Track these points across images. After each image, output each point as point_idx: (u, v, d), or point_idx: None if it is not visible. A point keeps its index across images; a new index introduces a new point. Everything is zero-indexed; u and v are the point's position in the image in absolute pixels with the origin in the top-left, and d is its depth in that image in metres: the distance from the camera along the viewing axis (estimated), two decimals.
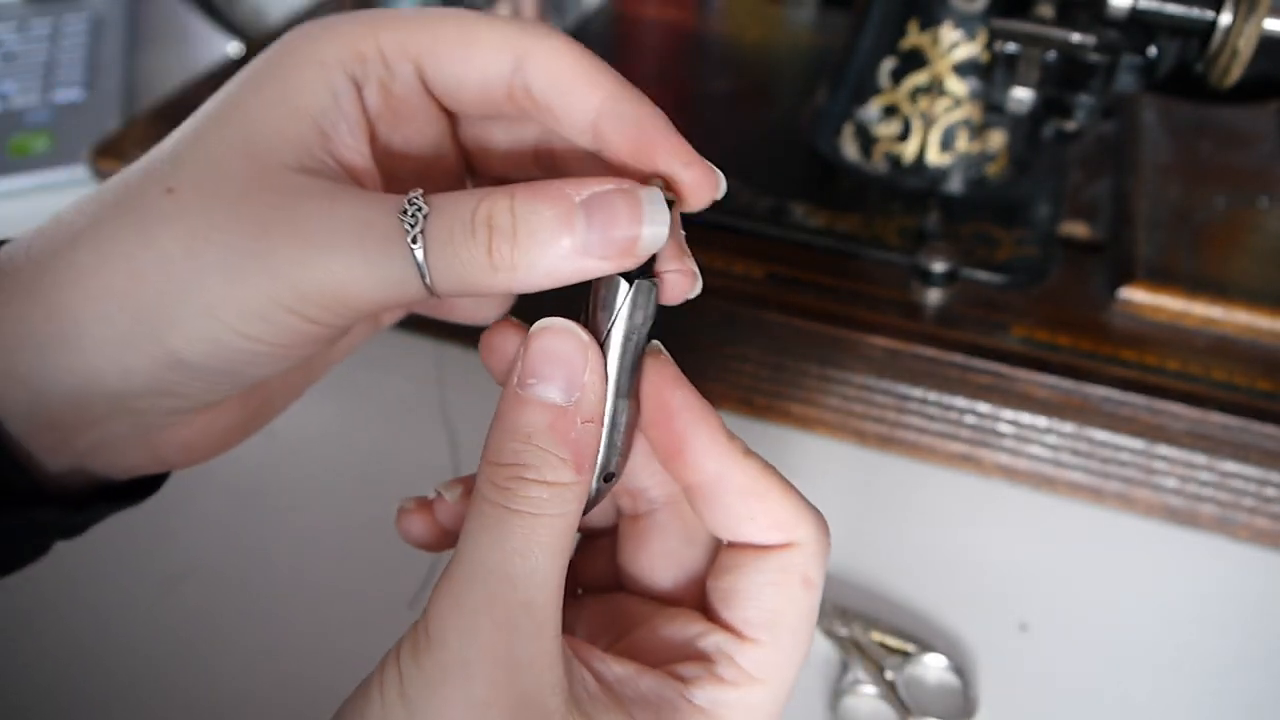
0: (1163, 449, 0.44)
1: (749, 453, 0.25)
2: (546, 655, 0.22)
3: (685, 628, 0.26)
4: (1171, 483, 0.44)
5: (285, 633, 0.41)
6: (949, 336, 0.44)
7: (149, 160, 0.25)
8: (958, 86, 0.50)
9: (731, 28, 0.70)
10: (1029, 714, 0.39)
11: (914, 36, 0.50)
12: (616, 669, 0.24)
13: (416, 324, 0.52)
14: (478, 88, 0.26)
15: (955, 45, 0.50)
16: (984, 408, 0.45)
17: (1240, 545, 0.45)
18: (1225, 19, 0.41)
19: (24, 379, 0.24)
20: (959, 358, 0.44)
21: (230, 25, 0.70)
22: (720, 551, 0.27)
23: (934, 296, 0.46)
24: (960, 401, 0.45)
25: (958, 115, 0.51)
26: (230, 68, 0.61)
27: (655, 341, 0.26)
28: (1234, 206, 0.52)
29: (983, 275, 0.47)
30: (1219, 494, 0.44)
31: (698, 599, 0.27)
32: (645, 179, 0.25)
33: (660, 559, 0.28)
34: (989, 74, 0.50)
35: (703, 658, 0.25)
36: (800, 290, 0.46)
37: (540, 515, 0.22)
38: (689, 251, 0.26)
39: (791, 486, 0.25)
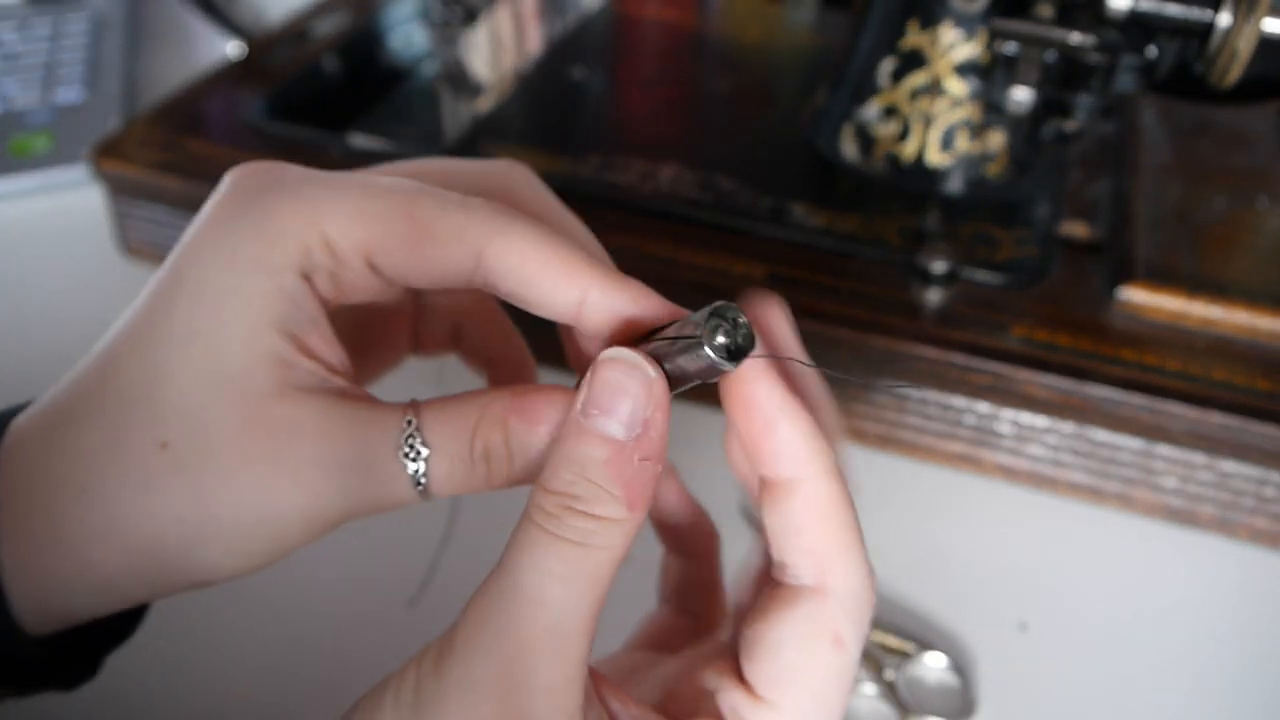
0: (1163, 449, 0.44)
1: (835, 471, 0.23)
2: (566, 684, 0.21)
3: (713, 677, 0.25)
4: (1171, 483, 0.45)
5: (285, 632, 0.41)
6: (949, 336, 0.44)
7: (129, 393, 0.24)
8: (957, 86, 0.50)
9: (731, 28, 0.70)
10: (1029, 714, 0.39)
11: (914, 36, 0.50)
12: (634, 712, 0.24)
13: None
14: (435, 279, 0.24)
15: (955, 45, 0.50)
16: (984, 408, 0.45)
17: (1240, 545, 0.45)
18: (1225, 19, 0.41)
19: (43, 602, 0.24)
20: (959, 358, 0.44)
21: (230, 25, 0.70)
22: (761, 588, 0.25)
23: (934, 296, 0.46)
24: (960, 401, 0.45)
25: (957, 115, 0.51)
26: (230, 68, 0.61)
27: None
28: (1234, 206, 0.52)
29: (983, 275, 0.47)
30: (1219, 494, 0.44)
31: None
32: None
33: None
34: (989, 74, 0.50)
35: (717, 717, 0.24)
36: (800, 290, 0.46)
37: (585, 546, 0.22)
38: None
39: (850, 524, 0.23)
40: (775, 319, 0.26)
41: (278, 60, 0.62)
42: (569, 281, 0.24)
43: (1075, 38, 0.43)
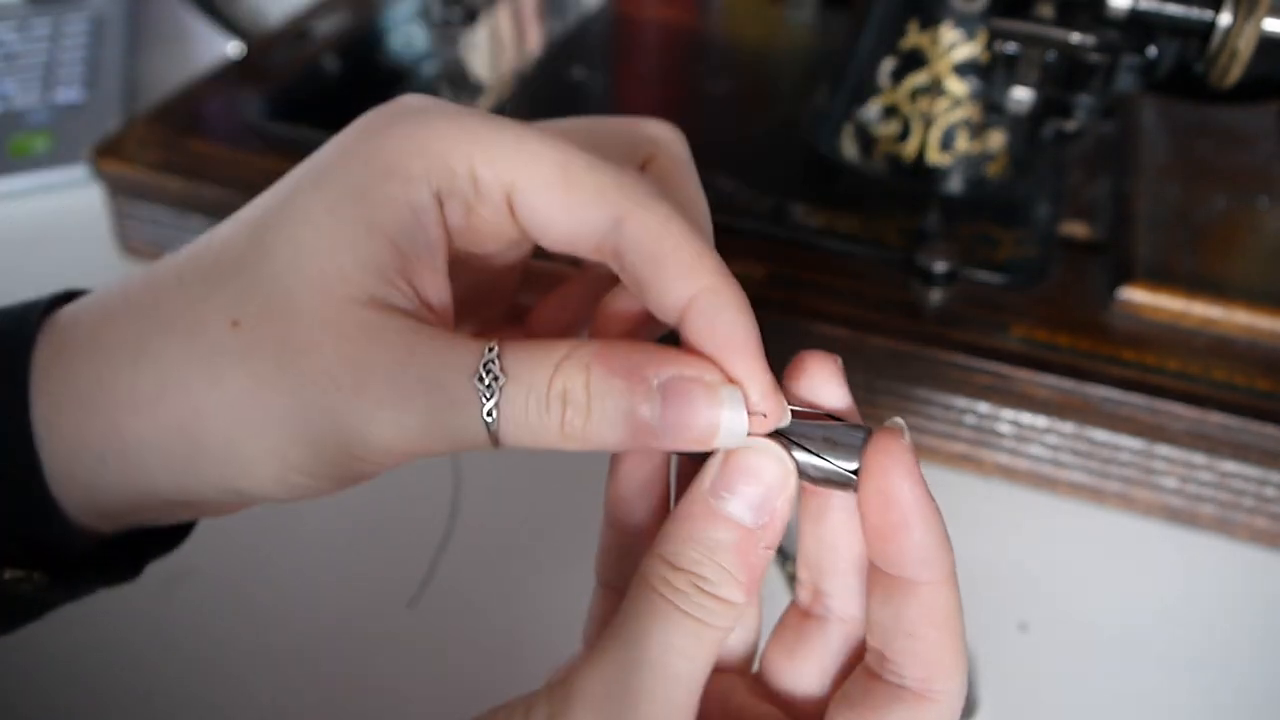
0: (1163, 449, 0.44)
1: (954, 577, 0.23)
2: None
3: None
4: (1171, 483, 0.45)
5: (285, 633, 0.41)
6: (949, 336, 0.44)
7: (212, 266, 0.23)
8: (958, 86, 0.50)
9: (731, 28, 0.70)
10: (1029, 714, 0.39)
11: (914, 36, 0.50)
12: None
13: None
14: (566, 234, 0.24)
15: (955, 45, 0.50)
16: (984, 408, 0.45)
17: (1240, 545, 0.45)
18: (1225, 19, 0.41)
19: (81, 483, 0.24)
20: (959, 358, 0.44)
21: (230, 25, 0.70)
22: (854, 672, 0.24)
23: (934, 296, 0.46)
24: (960, 401, 0.45)
25: (958, 115, 0.51)
26: (230, 68, 0.61)
27: (898, 419, 0.23)
28: (1234, 206, 0.52)
29: (983, 275, 0.47)
30: (1219, 494, 0.44)
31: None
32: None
33: (804, 664, 0.26)
34: (989, 74, 0.50)
35: None
36: (800, 290, 0.46)
37: (710, 625, 0.22)
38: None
39: (961, 634, 0.23)
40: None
41: (278, 60, 0.62)
42: (691, 274, 0.23)
43: (1075, 38, 0.43)
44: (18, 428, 0.23)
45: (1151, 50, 0.45)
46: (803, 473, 0.23)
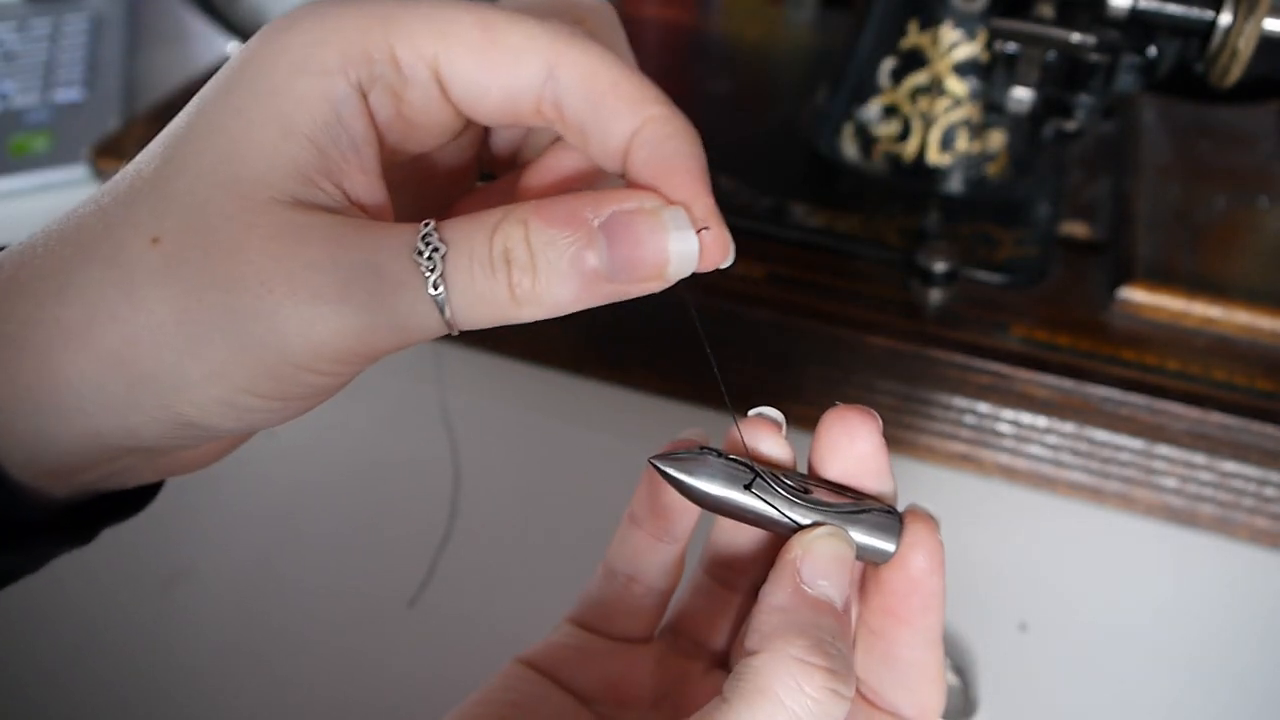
0: (1163, 449, 0.44)
1: (939, 642, 0.25)
2: None
3: None
4: (1171, 483, 0.44)
5: (285, 633, 0.41)
6: (949, 336, 0.44)
7: (127, 190, 0.22)
8: (958, 86, 0.50)
9: (731, 28, 0.70)
10: (1029, 714, 0.39)
11: (914, 36, 0.50)
12: None
13: None
14: (501, 98, 0.23)
15: (955, 45, 0.50)
16: (984, 408, 0.45)
17: (1240, 545, 0.45)
18: (1225, 19, 0.41)
19: (21, 435, 0.22)
20: (959, 358, 0.44)
21: (230, 25, 0.70)
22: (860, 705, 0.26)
23: (934, 296, 0.46)
24: (960, 401, 0.45)
25: (958, 115, 0.51)
26: None
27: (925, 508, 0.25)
28: (1234, 206, 0.52)
29: (983, 275, 0.47)
30: (1219, 494, 0.44)
31: None
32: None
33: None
34: (989, 74, 0.50)
35: None
36: (800, 290, 0.46)
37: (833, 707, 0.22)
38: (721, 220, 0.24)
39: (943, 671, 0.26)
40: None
41: None
42: (631, 108, 0.22)
43: (1075, 37, 0.43)
44: None
45: (1151, 50, 0.45)
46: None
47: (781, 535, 0.24)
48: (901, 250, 0.48)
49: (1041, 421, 0.45)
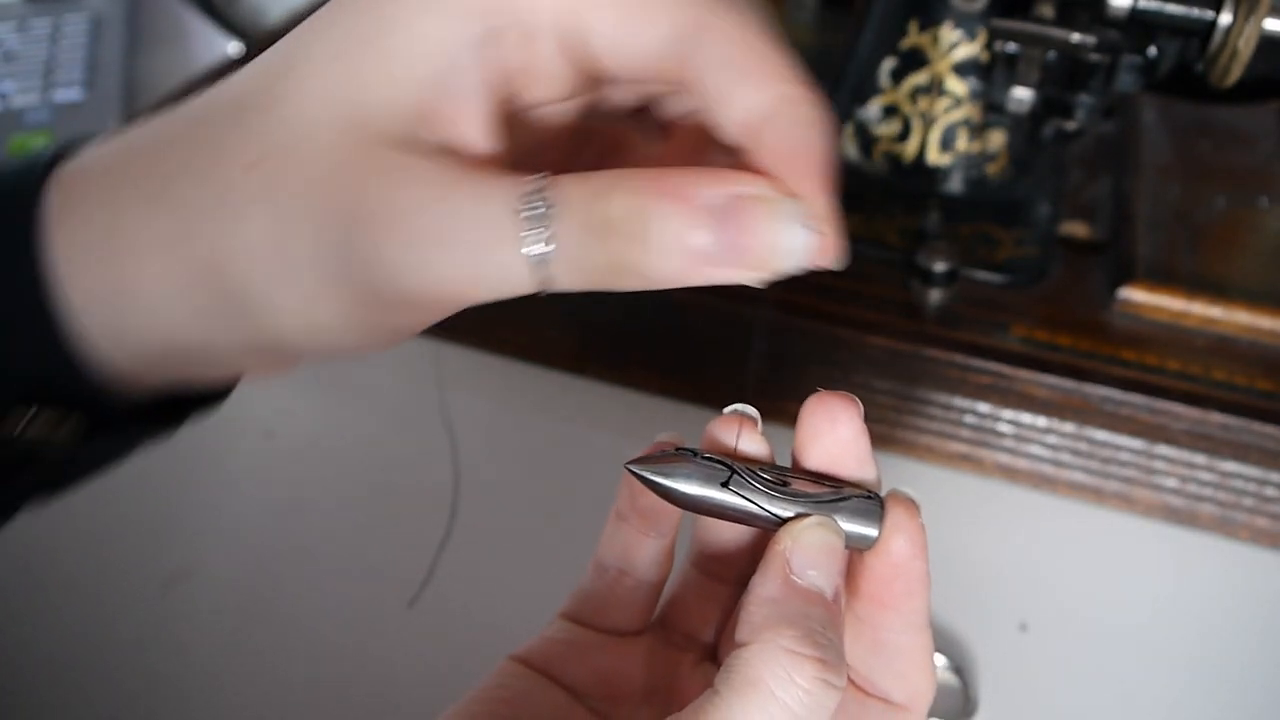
0: (1163, 449, 0.44)
1: (926, 627, 0.25)
2: None
3: None
4: (1171, 483, 0.44)
5: (285, 633, 0.41)
6: (949, 336, 0.44)
7: (232, 106, 0.22)
8: (958, 86, 0.50)
9: None
10: (1029, 714, 0.39)
11: (914, 36, 0.50)
12: None
13: None
14: (639, 56, 0.22)
15: (955, 45, 0.50)
16: (984, 407, 0.45)
17: (1240, 545, 0.45)
18: (1225, 19, 0.41)
19: (101, 333, 0.22)
20: (959, 358, 0.44)
21: (230, 25, 0.70)
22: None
23: (934, 296, 0.46)
24: (960, 401, 0.45)
25: (958, 115, 0.51)
26: (230, 67, 0.61)
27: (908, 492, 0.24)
28: (1234, 206, 0.52)
29: (983, 275, 0.47)
30: (1219, 494, 0.44)
31: None
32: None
33: None
34: (989, 74, 0.50)
35: None
36: (800, 290, 0.46)
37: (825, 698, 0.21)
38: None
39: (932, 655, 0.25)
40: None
41: None
42: (771, 80, 0.21)
43: (1075, 37, 0.43)
44: (30, 278, 0.22)
45: (1152, 50, 0.45)
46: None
47: (767, 530, 0.24)
48: (901, 250, 0.48)
49: (1041, 421, 0.45)
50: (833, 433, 0.24)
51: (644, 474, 0.24)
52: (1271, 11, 0.40)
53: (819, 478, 0.24)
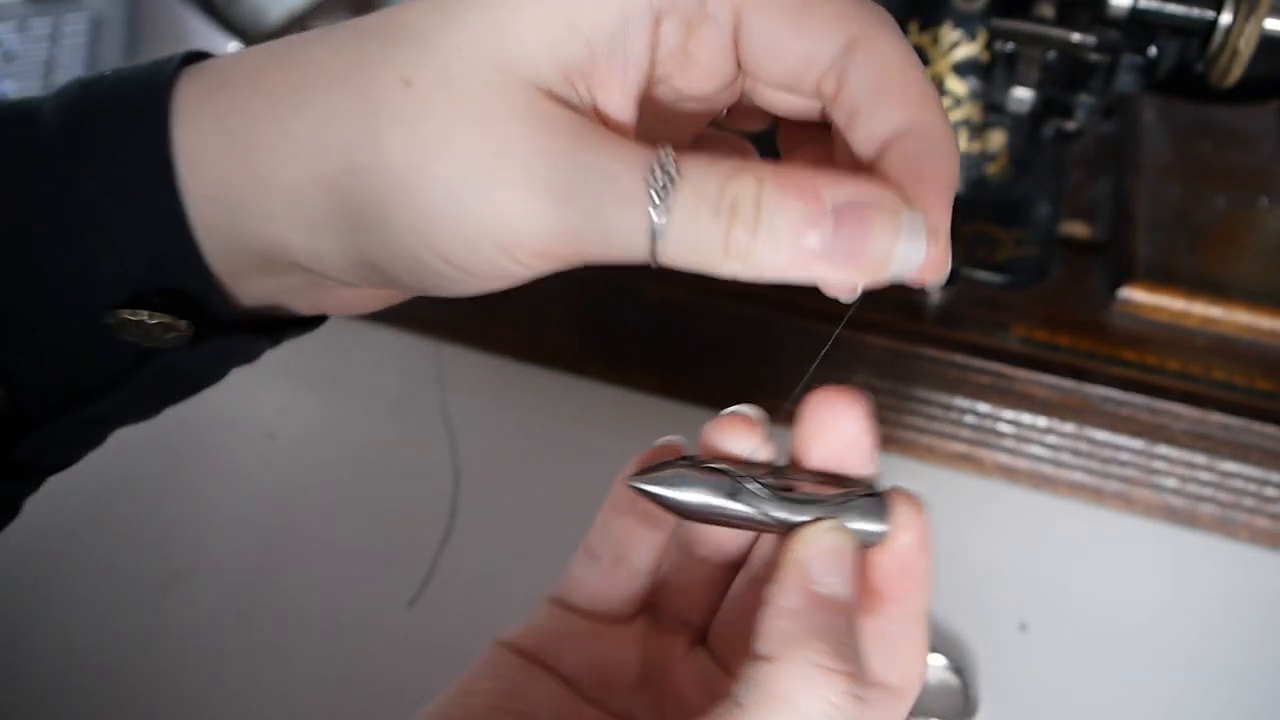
0: (1163, 449, 0.44)
1: (925, 616, 0.25)
2: None
3: None
4: (1171, 483, 0.44)
5: (285, 633, 0.41)
6: (949, 337, 0.44)
7: (390, 30, 0.22)
8: (958, 86, 0.50)
9: None
10: (1029, 714, 0.39)
11: (914, 36, 0.50)
12: None
13: (416, 323, 0.52)
14: (793, 62, 0.23)
15: (955, 45, 0.50)
16: (984, 408, 0.45)
17: (1240, 545, 0.45)
18: (1225, 19, 0.41)
19: (215, 228, 0.23)
20: (959, 358, 0.44)
21: (230, 25, 0.70)
22: None
23: (934, 296, 0.46)
24: (960, 401, 0.45)
25: (958, 115, 0.51)
26: None
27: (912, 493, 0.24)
28: (1234, 206, 0.52)
29: (983, 275, 0.47)
30: (1219, 494, 0.44)
31: None
32: None
33: None
34: (989, 74, 0.50)
35: None
36: (800, 291, 0.46)
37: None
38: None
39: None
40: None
41: None
42: (907, 103, 0.22)
43: (1075, 37, 0.43)
44: (160, 160, 0.22)
45: (1152, 50, 0.45)
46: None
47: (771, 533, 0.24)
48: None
49: (1041, 421, 0.45)
50: (837, 429, 0.24)
51: (648, 489, 0.23)
52: (1271, 11, 0.40)
53: (821, 477, 0.24)
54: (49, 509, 0.28)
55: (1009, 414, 0.45)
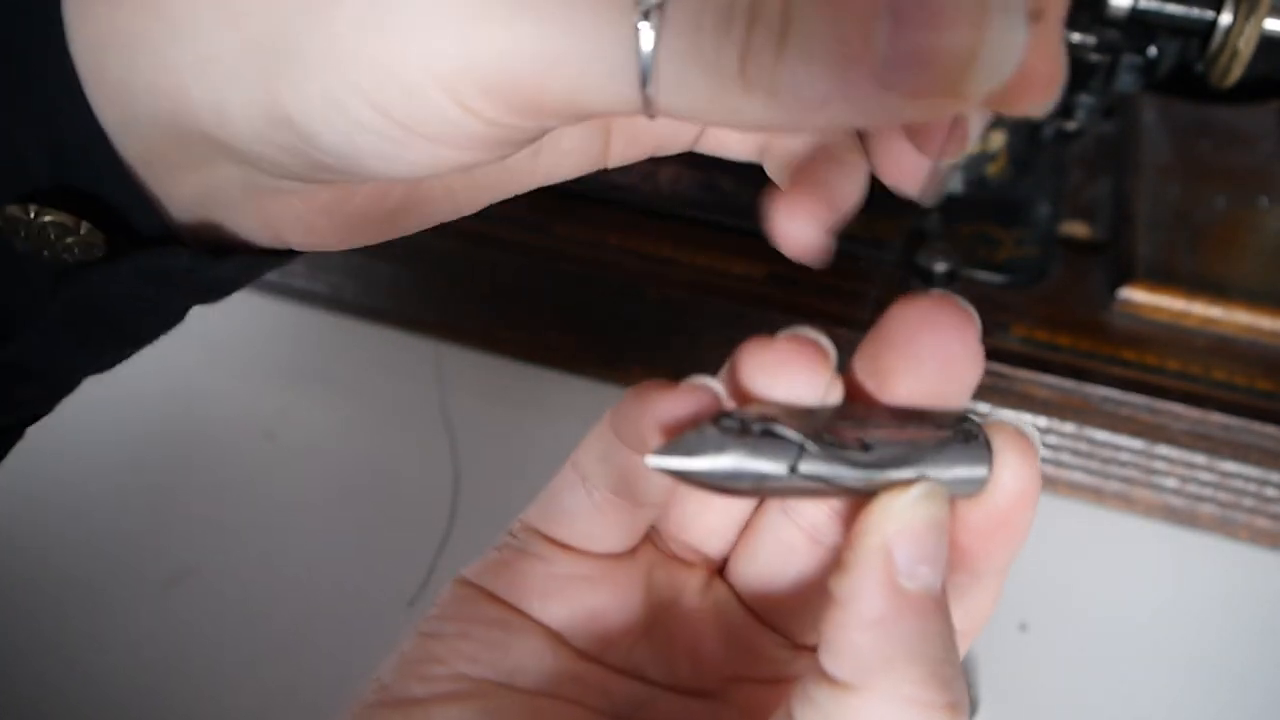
0: (1163, 449, 0.44)
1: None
2: None
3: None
4: (1171, 483, 0.44)
5: (285, 633, 0.41)
6: None
7: None
8: None
9: None
10: (1029, 714, 0.39)
11: None
12: None
13: (416, 323, 0.52)
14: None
15: None
16: (984, 408, 0.45)
17: (1240, 545, 0.45)
18: (1225, 19, 0.41)
19: (112, 86, 0.18)
20: None
21: None
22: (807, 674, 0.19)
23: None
24: None
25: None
26: None
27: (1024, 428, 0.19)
28: (1234, 206, 0.52)
29: (983, 275, 0.47)
30: (1219, 494, 0.44)
31: None
32: None
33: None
34: None
35: None
36: (800, 290, 0.46)
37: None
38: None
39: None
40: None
41: None
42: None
43: (1075, 38, 0.43)
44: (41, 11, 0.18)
45: (1152, 50, 0.45)
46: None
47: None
48: (901, 250, 0.48)
49: (1041, 421, 0.45)
50: (938, 349, 0.19)
51: (678, 467, 0.17)
52: (1271, 11, 0.40)
53: (895, 413, 0.18)
54: (49, 509, 0.28)
55: (1009, 414, 0.45)
